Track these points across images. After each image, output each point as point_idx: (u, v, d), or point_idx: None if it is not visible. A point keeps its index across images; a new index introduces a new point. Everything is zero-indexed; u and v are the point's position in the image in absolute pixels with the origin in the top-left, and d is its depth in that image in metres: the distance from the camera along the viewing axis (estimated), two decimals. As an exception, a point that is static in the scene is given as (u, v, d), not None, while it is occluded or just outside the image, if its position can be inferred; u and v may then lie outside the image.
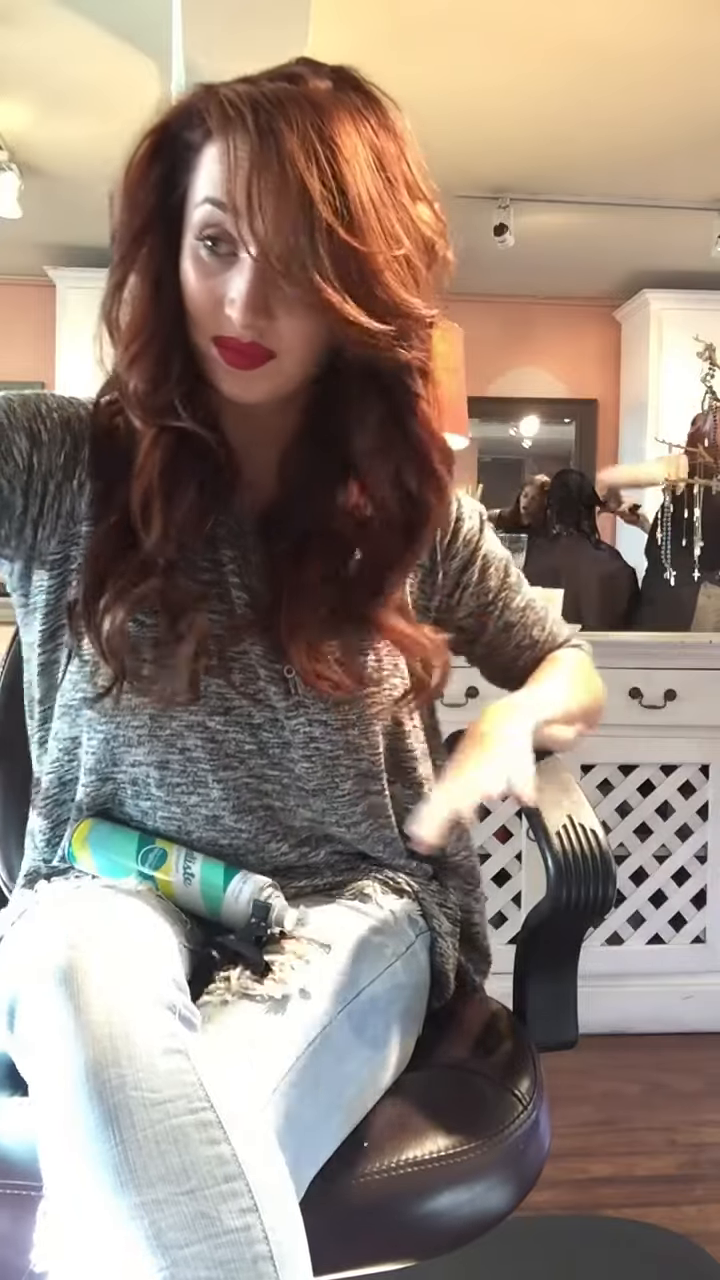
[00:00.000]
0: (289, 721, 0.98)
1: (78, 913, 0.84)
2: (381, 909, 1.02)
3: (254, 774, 0.99)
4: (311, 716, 0.98)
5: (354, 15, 3.44)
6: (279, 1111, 0.77)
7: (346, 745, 1.00)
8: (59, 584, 0.98)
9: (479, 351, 3.91)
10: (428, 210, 0.89)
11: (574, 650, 1.21)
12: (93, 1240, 0.67)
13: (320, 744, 0.99)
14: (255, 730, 0.98)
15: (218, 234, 0.86)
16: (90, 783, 1.01)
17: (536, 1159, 0.94)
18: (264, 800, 1.00)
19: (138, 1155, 0.67)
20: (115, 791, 1.01)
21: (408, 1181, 0.85)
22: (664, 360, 5.91)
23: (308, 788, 1.00)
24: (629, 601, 4.10)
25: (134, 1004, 0.73)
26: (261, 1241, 0.67)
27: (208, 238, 0.87)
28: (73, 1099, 0.69)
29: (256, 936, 0.91)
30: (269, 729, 0.98)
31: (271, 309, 0.86)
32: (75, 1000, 0.73)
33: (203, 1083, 0.71)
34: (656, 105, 4.09)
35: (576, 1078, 2.15)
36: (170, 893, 0.97)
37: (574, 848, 0.97)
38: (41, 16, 3.52)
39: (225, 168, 0.84)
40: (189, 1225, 0.66)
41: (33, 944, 0.81)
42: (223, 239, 0.86)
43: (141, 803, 1.00)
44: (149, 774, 0.98)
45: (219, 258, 0.87)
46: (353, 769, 1.01)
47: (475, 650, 1.18)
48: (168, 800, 0.99)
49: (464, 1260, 0.98)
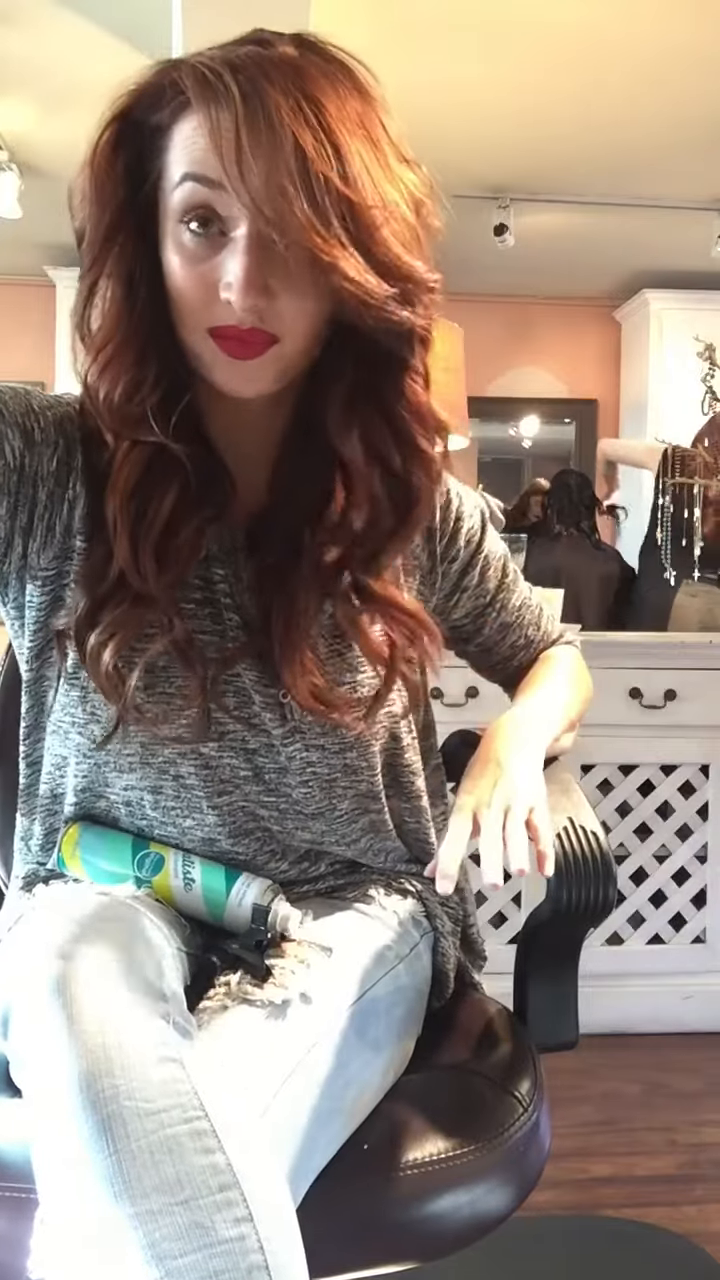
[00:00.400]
0: (285, 748, 0.95)
1: (71, 921, 0.83)
2: (385, 910, 1.02)
3: (249, 799, 0.97)
4: (308, 742, 0.96)
5: (354, 15, 3.44)
6: (279, 1115, 0.77)
7: (345, 768, 0.98)
8: (50, 601, 0.92)
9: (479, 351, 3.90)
10: (412, 174, 0.85)
11: (567, 648, 1.20)
12: (88, 1250, 0.67)
13: (318, 768, 0.97)
14: (250, 755, 0.95)
15: (204, 214, 0.80)
16: (83, 799, 0.99)
17: (537, 1160, 0.94)
18: (261, 824, 0.98)
19: (132, 1165, 0.66)
20: (109, 809, 0.99)
21: (408, 1184, 0.85)
22: (664, 360, 5.90)
23: (306, 811, 0.98)
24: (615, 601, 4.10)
25: (126, 1014, 0.73)
26: (256, 1251, 0.66)
27: (193, 219, 0.81)
28: (66, 1110, 0.69)
29: (257, 941, 0.90)
30: (264, 754, 0.95)
31: (271, 287, 0.81)
32: (67, 1011, 0.72)
33: (197, 1091, 0.70)
34: (657, 105, 4.08)
35: (576, 1078, 2.14)
36: (169, 898, 0.96)
37: (574, 849, 0.97)
38: (41, 16, 3.51)
39: (208, 138, 0.78)
40: (183, 1235, 0.65)
41: (26, 953, 0.80)
42: (210, 219, 0.81)
43: (137, 821, 0.99)
44: (142, 798, 0.97)
45: (207, 240, 0.81)
46: (350, 790, 0.99)
47: (468, 649, 1.17)
48: (163, 821, 0.97)
49: (464, 1260, 0.98)
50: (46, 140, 4.47)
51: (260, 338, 0.82)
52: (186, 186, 0.80)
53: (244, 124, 0.77)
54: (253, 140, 0.76)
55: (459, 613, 1.12)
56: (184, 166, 0.80)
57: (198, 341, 0.85)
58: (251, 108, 0.77)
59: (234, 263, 0.80)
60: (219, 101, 0.78)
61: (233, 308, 0.80)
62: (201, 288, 0.82)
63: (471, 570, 1.09)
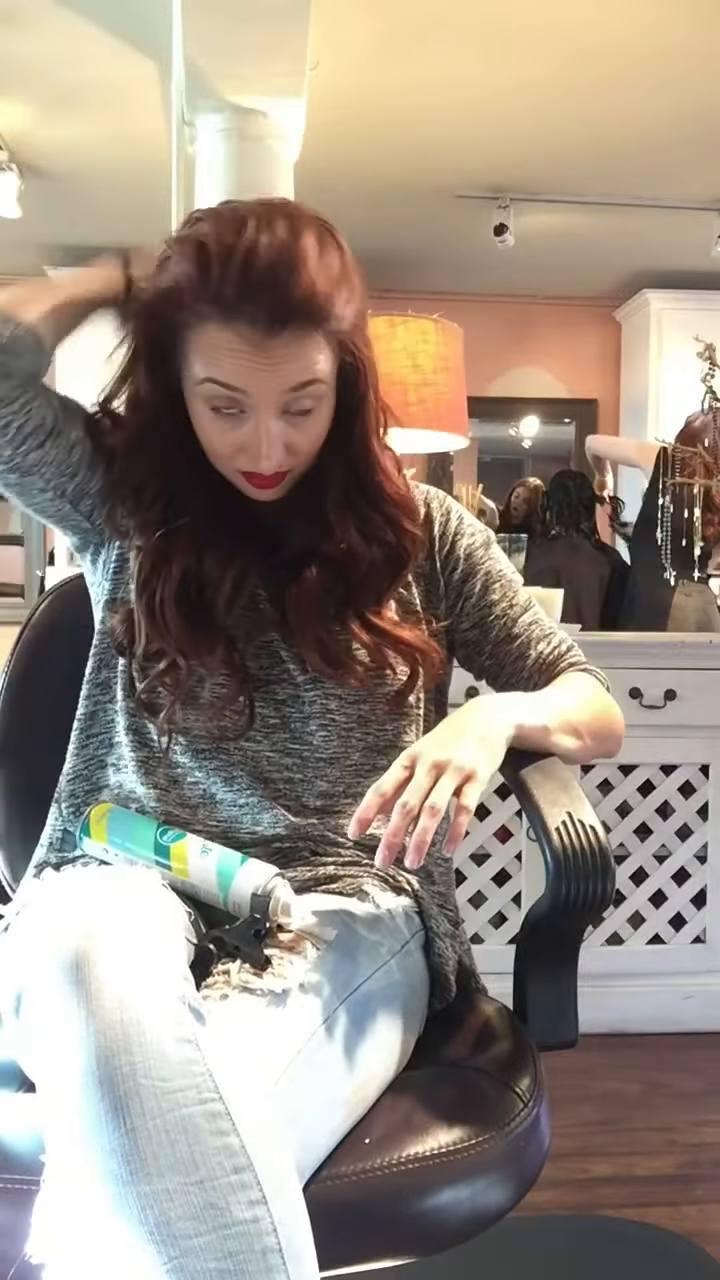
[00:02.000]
0: (307, 694, 1.08)
1: (87, 901, 0.84)
2: (378, 907, 1.03)
3: (276, 747, 1.07)
4: (328, 690, 1.08)
5: (354, 15, 3.44)
6: (280, 1106, 0.77)
7: (359, 719, 1.09)
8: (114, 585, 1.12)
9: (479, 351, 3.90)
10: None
11: (586, 675, 1.20)
12: (94, 1229, 0.67)
13: (335, 715, 1.08)
14: (279, 705, 1.08)
15: (227, 404, 0.98)
16: (130, 742, 1.08)
17: (537, 1156, 0.94)
18: (285, 773, 1.07)
19: (147, 1144, 0.67)
20: (148, 758, 1.07)
21: (408, 1178, 0.85)
22: (664, 360, 5.90)
23: (323, 756, 1.07)
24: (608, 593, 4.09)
25: (145, 993, 0.74)
26: (270, 1234, 0.67)
27: (219, 408, 0.98)
28: (82, 1085, 0.69)
29: (255, 930, 0.91)
30: (291, 704, 1.08)
31: (290, 444, 1.00)
32: (86, 987, 0.73)
33: (212, 1073, 0.71)
34: (657, 105, 4.09)
35: (576, 1078, 2.15)
36: (184, 868, 0.97)
37: (573, 843, 0.97)
38: (41, 16, 3.51)
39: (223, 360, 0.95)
40: (198, 1216, 0.66)
41: (42, 931, 0.81)
42: (233, 405, 0.98)
43: (180, 756, 1.07)
44: (180, 739, 1.07)
45: (231, 417, 0.99)
46: (362, 742, 1.09)
47: (481, 662, 1.19)
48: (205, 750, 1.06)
49: (464, 1260, 0.98)
50: (46, 140, 4.48)
51: (281, 475, 1.03)
52: (210, 387, 0.98)
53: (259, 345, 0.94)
54: (266, 361, 0.95)
55: (465, 623, 1.17)
56: (205, 371, 0.97)
57: (227, 472, 1.04)
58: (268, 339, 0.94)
59: (258, 436, 0.98)
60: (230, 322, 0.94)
61: (258, 464, 1.00)
62: (228, 447, 1.01)
63: (472, 579, 1.16)
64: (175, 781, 1.07)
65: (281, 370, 0.96)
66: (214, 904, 0.97)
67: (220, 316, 0.94)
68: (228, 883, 0.96)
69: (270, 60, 3.03)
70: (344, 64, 3.65)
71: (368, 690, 1.08)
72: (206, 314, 0.95)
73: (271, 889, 0.93)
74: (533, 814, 1.03)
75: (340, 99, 3.77)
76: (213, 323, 0.95)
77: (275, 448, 0.99)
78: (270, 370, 0.95)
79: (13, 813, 1.25)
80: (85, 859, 1.05)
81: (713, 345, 3.57)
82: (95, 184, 4.84)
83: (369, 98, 3.95)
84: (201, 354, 0.97)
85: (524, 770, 1.05)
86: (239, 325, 0.94)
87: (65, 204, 5.01)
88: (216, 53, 3.02)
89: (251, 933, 0.91)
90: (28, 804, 1.21)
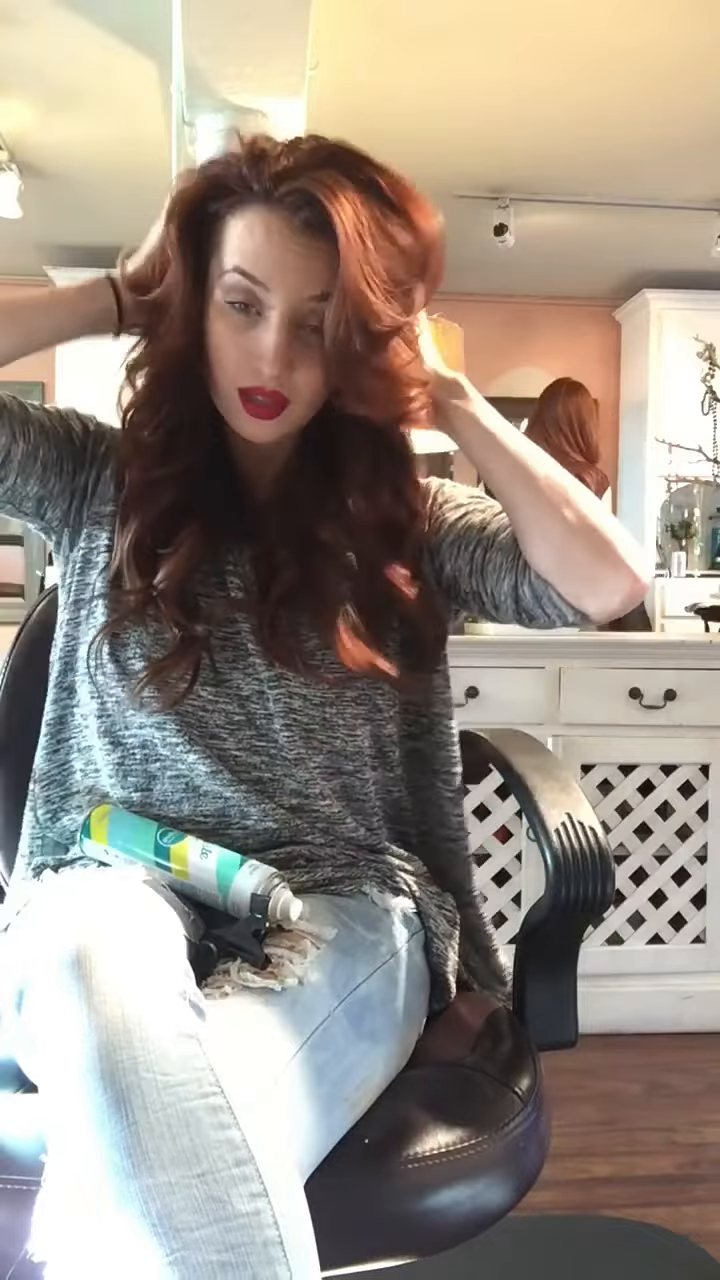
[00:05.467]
0: (271, 691, 1.04)
1: (88, 899, 0.85)
2: (376, 907, 1.03)
3: (243, 745, 1.04)
4: (292, 689, 1.05)
5: (354, 15, 3.44)
6: (279, 1104, 0.77)
7: (323, 721, 1.05)
8: (84, 562, 1.10)
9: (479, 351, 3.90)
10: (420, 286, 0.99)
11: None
12: (96, 1224, 0.67)
13: (299, 715, 1.05)
14: (244, 702, 1.05)
15: (247, 299, 0.97)
16: (103, 745, 1.05)
17: (537, 1156, 0.94)
18: (254, 771, 1.04)
19: (149, 1137, 0.67)
20: (123, 761, 1.05)
21: (408, 1178, 0.85)
22: (664, 360, 5.91)
23: (289, 756, 1.04)
24: None
25: (147, 989, 0.74)
26: (271, 1226, 0.67)
27: (235, 302, 0.98)
28: (84, 1080, 0.69)
29: (255, 930, 0.91)
30: (256, 700, 1.05)
31: (293, 362, 0.98)
32: (88, 983, 0.73)
33: (213, 1068, 0.71)
34: (657, 105, 4.09)
35: (576, 1078, 2.15)
36: (183, 869, 0.97)
37: (573, 845, 0.97)
38: (41, 16, 3.52)
39: (257, 241, 0.95)
40: (200, 1208, 0.66)
41: (43, 929, 0.81)
42: (250, 303, 0.97)
43: (150, 765, 1.04)
44: (153, 736, 1.04)
45: (247, 317, 0.98)
46: (325, 745, 1.06)
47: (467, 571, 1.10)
48: (173, 759, 1.03)
49: (465, 1260, 0.98)
50: (46, 140, 4.48)
51: (280, 399, 1.00)
52: (234, 276, 0.97)
53: (290, 236, 0.94)
54: (295, 252, 0.95)
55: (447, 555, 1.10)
56: (235, 259, 0.97)
57: (227, 396, 1.01)
58: (299, 221, 0.94)
59: (268, 338, 0.97)
60: (272, 207, 0.95)
61: (261, 373, 0.98)
62: (239, 353, 0.99)
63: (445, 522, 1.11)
64: (150, 781, 1.05)
65: (309, 268, 0.95)
66: (214, 905, 0.97)
67: (265, 199, 0.95)
68: (227, 884, 0.96)
69: (270, 60, 3.04)
70: (344, 64, 3.65)
71: (335, 693, 1.05)
72: (251, 198, 0.96)
73: (271, 889, 0.93)
74: (532, 815, 1.03)
75: (340, 99, 3.77)
76: (255, 205, 0.96)
77: (280, 356, 0.97)
78: (298, 264, 0.95)
79: (11, 813, 1.25)
80: (85, 860, 1.05)
81: (713, 345, 3.58)
82: (95, 184, 4.85)
83: (369, 98, 3.95)
84: (235, 240, 0.97)
85: (524, 770, 1.05)
86: (282, 210, 0.94)
87: (65, 204, 5.01)
88: (216, 53, 3.02)
89: (251, 932, 0.91)
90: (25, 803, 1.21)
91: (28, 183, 4.75)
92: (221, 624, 1.06)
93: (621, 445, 6.49)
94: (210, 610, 1.05)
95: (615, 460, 6.46)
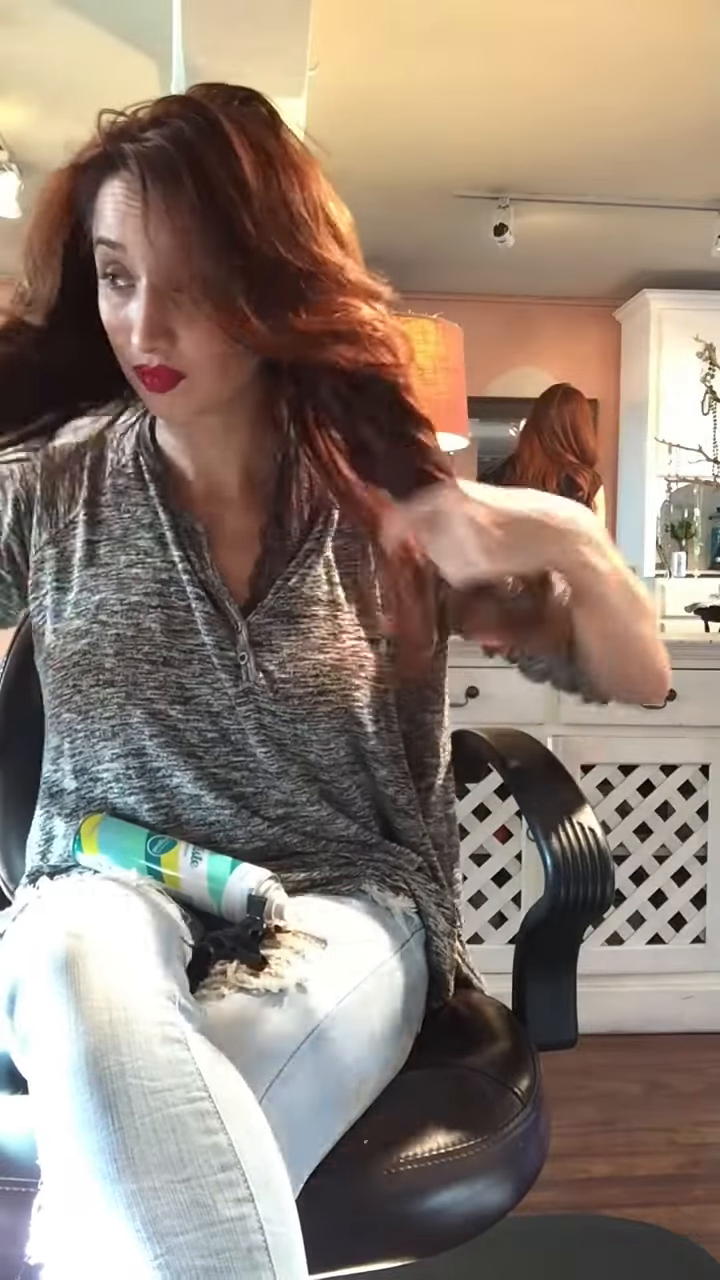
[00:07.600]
0: (240, 708, 1.02)
1: (79, 904, 0.85)
2: (377, 906, 1.03)
3: (220, 762, 1.03)
4: (260, 704, 1.02)
5: (354, 15, 3.44)
6: (276, 1105, 0.77)
7: (294, 737, 1.03)
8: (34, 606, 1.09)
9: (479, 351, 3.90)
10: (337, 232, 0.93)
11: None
12: (88, 1229, 0.67)
13: (270, 731, 1.02)
14: (216, 718, 1.02)
15: (116, 270, 0.92)
16: (82, 783, 1.05)
17: (536, 1157, 0.94)
18: (236, 787, 1.03)
19: (135, 1142, 0.67)
20: (105, 794, 1.04)
21: (407, 1179, 0.85)
22: (664, 360, 5.91)
23: (270, 770, 1.03)
24: None
25: (134, 992, 0.74)
26: (257, 1231, 0.67)
27: (108, 275, 0.92)
28: (71, 1085, 0.69)
29: (252, 931, 0.91)
30: (228, 716, 1.02)
31: (172, 330, 0.91)
32: (75, 988, 0.73)
33: (201, 1073, 0.71)
34: (656, 105, 4.09)
35: (576, 1078, 2.15)
36: (175, 876, 0.97)
37: (572, 846, 0.97)
38: (41, 16, 3.52)
39: (111, 205, 0.90)
40: (184, 1213, 0.66)
41: (34, 934, 0.81)
42: (121, 273, 0.92)
43: (128, 797, 1.03)
44: (129, 765, 1.02)
45: (121, 290, 0.92)
46: (299, 757, 1.04)
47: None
48: (151, 788, 1.02)
49: (464, 1260, 0.98)
50: (46, 140, 4.47)
51: (167, 373, 0.93)
52: (101, 248, 0.92)
53: (139, 192, 0.87)
54: (146, 207, 0.87)
55: None
56: (99, 231, 0.92)
57: (131, 379, 0.96)
58: (152, 175, 0.87)
59: (135, 309, 0.91)
60: (118, 171, 0.89)
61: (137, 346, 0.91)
62: (120, 331, 0.94)
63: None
64: (134, 812, 1.04)
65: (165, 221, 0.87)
66: (208, 911, 0.97)
67: (111, 167, 0.90)
68: (220, 888, 0.96)
69: (270, 60, 3.03)
70: (344, 64, 3.65)
71: (306, 709, 1.02)
72: (106, 168, 0.91)
73: (265, 891, 0.93)
74: (532, 816, 1.03)
75: (340, 99, 3.77)
76: (108, 172, 0.91)
77: (148, 326, 0.90)
78: (144, 219, 0.88)
79: (10, 814, 1.25)
80: (80, 869, 1.05)
81: (713, 345, 3.58)
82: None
83: (369, 98, 3.95)
84: (96, 215, 0.92)
85: (524, 770, 1.05)
86: (124, 171, 0.89)
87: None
88: (216, 53, 3.02)
89: (248, 934, 0.91)
90: (25, 806, 1.21)
91: (28, 183, 4.74)
92: (186, 639, 1.02)
93: (622, 445, 6.49)
94: (173, 625, 1.03)
95: (615, 460, 6.47)
